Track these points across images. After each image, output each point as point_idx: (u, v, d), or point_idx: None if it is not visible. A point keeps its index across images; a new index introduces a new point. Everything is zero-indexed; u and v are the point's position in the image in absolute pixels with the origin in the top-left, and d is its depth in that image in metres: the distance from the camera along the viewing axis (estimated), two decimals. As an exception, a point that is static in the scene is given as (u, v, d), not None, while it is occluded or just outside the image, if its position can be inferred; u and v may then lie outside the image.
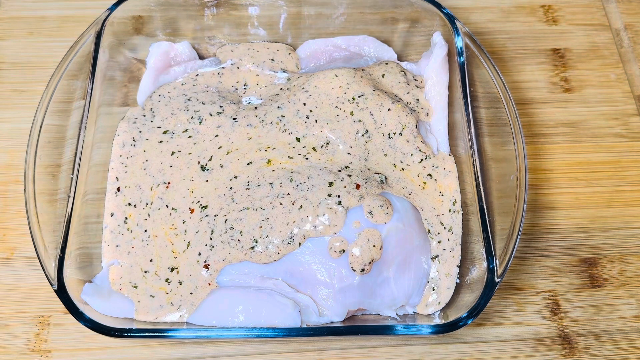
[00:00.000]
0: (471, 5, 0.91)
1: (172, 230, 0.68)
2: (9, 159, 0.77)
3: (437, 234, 0.68)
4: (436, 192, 0.70)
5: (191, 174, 0.71)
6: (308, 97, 0.73)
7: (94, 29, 0.73)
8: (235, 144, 0.72)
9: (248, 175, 0.70)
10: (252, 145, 0.72)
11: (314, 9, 0.81)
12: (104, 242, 0.68)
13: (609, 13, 0.91)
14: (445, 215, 0.69)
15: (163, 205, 0.69)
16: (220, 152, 0.72)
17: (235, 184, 0.69)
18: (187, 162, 0.72)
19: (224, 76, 0.79)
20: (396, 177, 0.71)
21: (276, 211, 0.65)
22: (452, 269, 0.67)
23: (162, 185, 0.70)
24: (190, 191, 0.70)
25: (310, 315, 0.63)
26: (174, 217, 0.68)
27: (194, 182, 0.70)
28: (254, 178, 0.69)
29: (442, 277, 0.67)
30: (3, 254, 0.72)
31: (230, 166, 0.71)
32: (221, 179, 0.70)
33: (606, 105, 0.83)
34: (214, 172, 0.71)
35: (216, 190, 0.69)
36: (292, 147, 0.71)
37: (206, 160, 0.71)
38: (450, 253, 0.67)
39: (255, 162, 0.70)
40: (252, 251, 0.65)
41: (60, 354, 0.67)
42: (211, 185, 0.70)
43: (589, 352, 0.69)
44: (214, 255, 0.66)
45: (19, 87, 0.82)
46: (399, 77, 0.77)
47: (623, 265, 0.74)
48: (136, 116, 0.75)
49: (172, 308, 0.64)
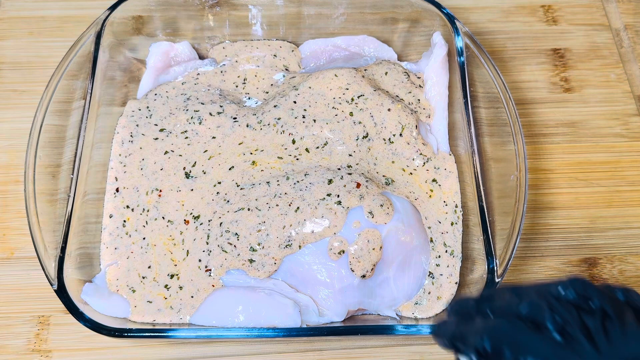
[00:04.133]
0: (471, 5, 0.91)
1: (170, 241, 0.68)
2: (9, 159, 0.77)
3: (439, 243, 0.68)
4: (440, 201, 0.70)
5: (177, 183, 0.70)
6: (305, 97, 0.73)
7: (94, 29, 0.73)
8: (222, 147, 0.72)
9: (233, 179, 0.69)
10: (236, 149, 0.71)
11: (314, 9, 0.81)
12: (103, 244, 0.68)
13: (609, 13, 0.91)
14: (448, 225, 0.69)
15: (159, 217, 0.69)
16: (204, 156, 0.71)
17: (221, 189, 0.69)
18: (174, 166, 0.71)
19: (226, 74, 0.79)
20: (404, 180, 0.70)
21: (272, 213, 0.65)
22: (453, 273, 0.67)
23: (155, 192, 0.70)
24: (181, 204, 0.69)
25: (310, 315, 0.63)
26: (171, 229, 0.68)
27: (182, 193, 0.70)
28: (241, 180, 0.69)
29: (444, 281, 0.66)
30: (3, 254, 0.72)
31: (212, 172, 0.70)
32: (205, 186, 0.70)
33: (606, 105, 0.83)
34: (197, 180, 0.70)
35: (203, 200, 0.69)
36: (284, 149, 0.71)
37: (190, 167, 0.71)
38: (450, 260, 0.67)
39: (237, 166, 0.70)
40: (250, 265, 0.64)
41: (60, 354, 0.67)
42: (197, 195, 0.69)
43: (589, 352, 0.69)
44: (213, 260, 0.65)
45: (19, 87, 0.82)
46: (402, 77, 0.77)
47: (623, 265, 0.74)
48: (133, 109, 0.75)
49: (172, 311, 0.64)
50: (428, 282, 0.66)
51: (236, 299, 0.63)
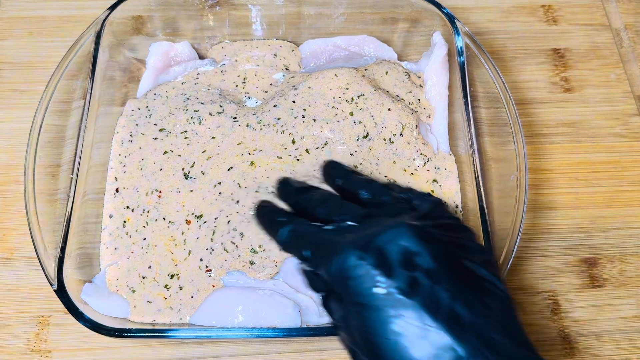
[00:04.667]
0: (471, 5, 0.91)
1: (172, 241, 0.68)
2: (9, 159, 0.77)
3: None
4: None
5: (177, 185, 0.70)
6: (304, 96, 0.73)
7: (94, 29, 0.73)
8: (221, 148, 0.71)
9: (234, 179, 0.69)
10: (235, 149, 0.71)
11: (314, 8, 0.81)
12: (103, 244, 0.68)
13: (609, 13, 0.91)
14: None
15: (160, 217, 0.68)
16: (203, 156, 0.71)
17: (222, 189, 0.69)
18: (173, 166, 0.71)
19: (226, 74, 0.79)
20: (406, 181, 0.70)
21: None
22: None
23: (155, 193, 0.70)
24: (181, 204, 0.69)
25: (310, 316, 0.63)
26: (172, 230, 0.68)
27: (181, 194, 0.69)
28: (243, 181, 0.69)
29: None
30: (3, 254, 0.72)
31: (211, 172, 0.70)
32: (205, 187, 0.69)
33: (606, 105, 0.83)
34: (196, 181, 0.70)
35: (205, 200, 0.69)
36: (283, 149, 0.71)
37: (189, 167, 0.71)
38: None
39: (236, 167, 0.70)
40: (250, 267, 0.64)
41: (60, 354, 0.67)
42: (198, 195, 0.69)
43: (590, 352, 0.69)
44: (214, 260, 0.65)
45: (18, 87, 0.82)
46: (402, 76, 0.77)
47: (623, 265, 0.74)
48: (132, 109, 0.75)
49: (172, 312, 0.64)
50: None
51: (236, 299, 0.63)
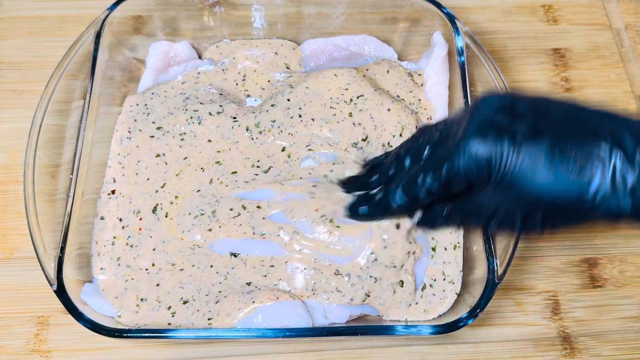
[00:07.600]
0: (471, 5, 0.91)
1: (173, 266, 0.66)
2: (9, 159, 0.77)
3: (439, 244, 0.68)
4: None
5: (159, 200, 0.69)
6: (301, 96, 0.72)
7: (94, 29, 0.73)
8: (226, 159, 0.71)
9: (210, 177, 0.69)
10: (242, 161, 0.71)
11: (314, 8, 0.80)
12: (95, 253, 0.66)
13: (609, 13, 0.91)
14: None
15: (148, 237, 0.67)
16: (183, 163, 0.71)
17: (201, 194, 0.68)
18: (162, 174, 0.70)
19: (227, 72, 0.79)
20: None
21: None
22: (454, 274, 0.67)
23: (139, 215, 0.68)
24: (169, 219, 0.68)
25: (317, 317, 0.62)
26: (169, 252, 0.66)
27: (164, 210, 0.68)
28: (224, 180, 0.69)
29: (444, 282, 0.66)
30: (2, 254, 0.72)
31: (187, 178, 0.70)
32: (182, 204, 0.68)
33: (607, 105, 0.83)
34: (174, 205, 0.68)
35: (190, 215, 0.67)
36: (275, 158, 0.70)
37: (170, 176, 0.70)
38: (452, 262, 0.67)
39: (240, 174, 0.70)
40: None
41: (60, 354, 0.67)
42: (179, 211, 0.68)
43: (590, 353, 0.69)
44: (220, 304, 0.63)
45: (18, 87, 0.82)
46: (404, 76, 0.77)
47: (623, 265, 0.74)
48: (131, 104, 0.74)
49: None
50: (429, 283, 0.66)
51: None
